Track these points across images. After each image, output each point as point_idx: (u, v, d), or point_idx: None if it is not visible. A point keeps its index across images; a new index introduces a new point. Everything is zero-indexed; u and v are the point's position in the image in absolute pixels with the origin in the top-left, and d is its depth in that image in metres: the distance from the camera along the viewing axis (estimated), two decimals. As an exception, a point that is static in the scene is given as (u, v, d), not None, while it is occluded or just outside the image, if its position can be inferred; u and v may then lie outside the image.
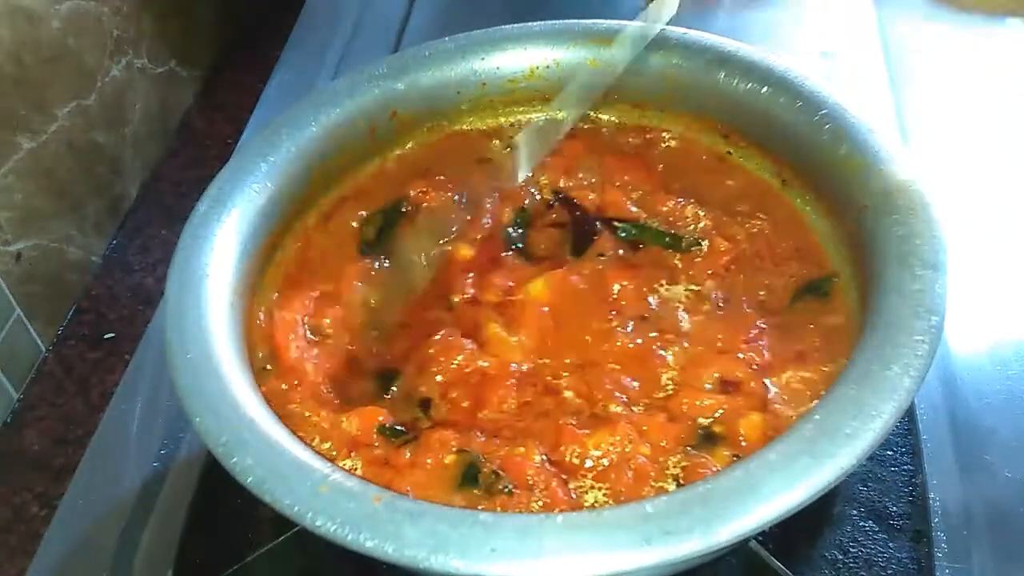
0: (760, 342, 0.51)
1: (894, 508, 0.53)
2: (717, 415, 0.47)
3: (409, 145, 0.65)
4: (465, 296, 0.55)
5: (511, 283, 0.55)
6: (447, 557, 0.36)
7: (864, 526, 0.52)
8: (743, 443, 0.46)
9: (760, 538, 0.49)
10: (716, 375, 0.49)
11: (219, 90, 1.02)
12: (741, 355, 0.50)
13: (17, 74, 0.73)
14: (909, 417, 0.57)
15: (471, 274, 0.56)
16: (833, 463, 0.39)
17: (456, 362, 0.51)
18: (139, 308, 0.79)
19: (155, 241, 0.85)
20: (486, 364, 0.51)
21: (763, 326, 0.51)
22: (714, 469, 0.45)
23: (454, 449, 0.45)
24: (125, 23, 0.87)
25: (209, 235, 0.52)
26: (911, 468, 0.54)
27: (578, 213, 0.60)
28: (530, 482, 0.44)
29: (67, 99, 0.79)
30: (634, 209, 0.59)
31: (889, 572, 0.50)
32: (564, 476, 0.45)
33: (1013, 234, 0.69)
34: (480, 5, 0.98)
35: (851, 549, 0.51)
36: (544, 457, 0.45)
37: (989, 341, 0.62)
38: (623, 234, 0.57)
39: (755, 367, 0.49)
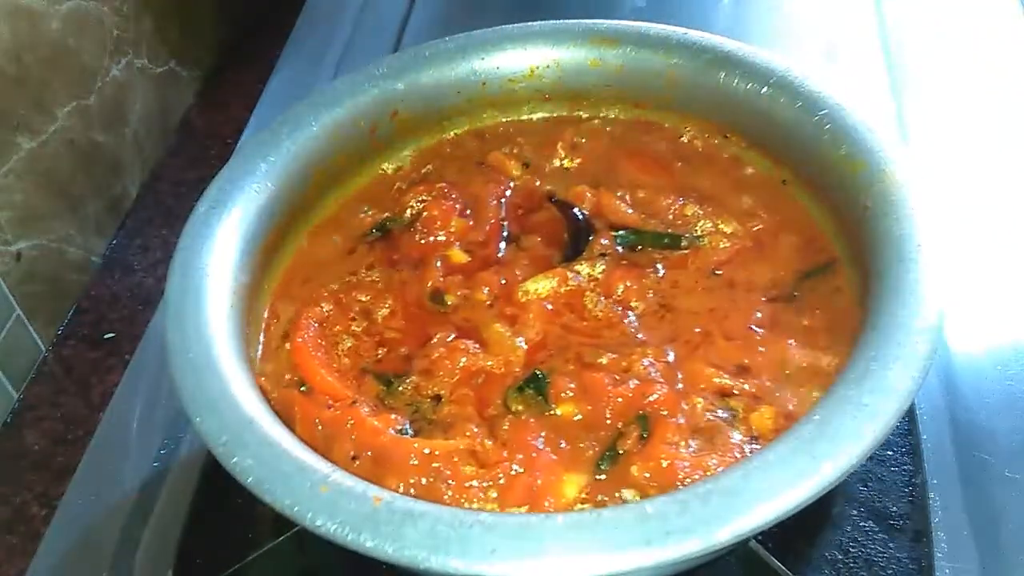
0: (767, 329, 0.51)
1: (894, 508, 0.53)
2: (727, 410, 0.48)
3: (409, 147, 0.65)
4: (460, 296, 0.55)
5: (504, 280, 0.55)
6: (447, 557, 0.36)
7: (864, 526, 0.52)
8: (755, 435, 0.46)
9: (760, 538, 0.49)
10: (723, 372, 0.49)
11: (219, 90, 1.02)
12: (750, 346, 0.50)
13: (17, 74, 0.73)
14: (909, 417, 0.57)
15: (462, 276, 0.57)
16: (833, 463, 0.39)
17: (461, 363, 0.51)
18: (139, 308, 0.79)
19: (155, 241, 0.85)
20: (491, 363, 0.51)
21: (768, 314, 0.52)
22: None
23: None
24: (125, 23, 0.87)
25: (209, 235, 0.52)
26: (911, 468, 0.54)
27: (575, 213, 0.60)
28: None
29: (67, 99, 0.79)
30: (630, 211, 0.59)
31: (889, 572, 0.50)
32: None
33: (1013, 234, 0.69)
34: (480, 5, 0.98)
35: (851, 549, 0.51)
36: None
37: (989, 341, 0.62)
38: (620, 242, 0.57)
39: (763, 357, 0.50)
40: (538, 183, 0.63)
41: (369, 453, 0.46)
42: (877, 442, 0.40)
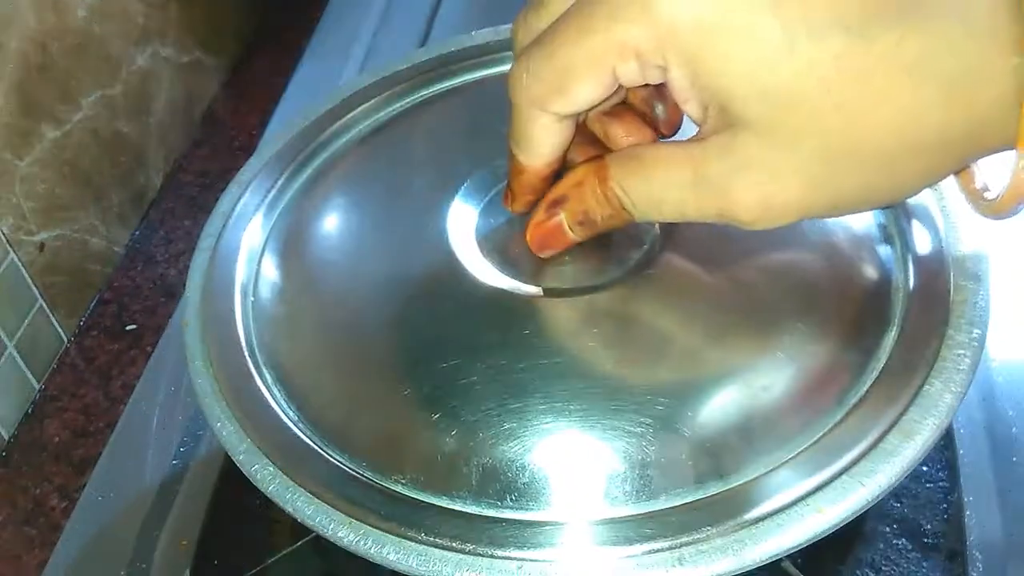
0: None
1: (928, 526, 0.51)
2: None
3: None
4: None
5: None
6: (472, 573, 0.35)
7: (897, 543, 0.51)
8: None
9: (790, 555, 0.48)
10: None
11: (245, 80, 1.01)
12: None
13: (42, 62, 0.72)
14: (946, 431, 0.55)
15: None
16: (871, 482, 0.38)
17: None
18: (161, 300, 0.79)
19: (178, 232, 0.85)
20: None
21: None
22: None
23: None
24: (151, 11, 0.87)
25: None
26: (947, 484, 0.53)
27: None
28: None
29: (92, 88, 0.79)
30: None
31: (922, 591, 0.49)
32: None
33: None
34: (508, -3, 0.97)
35: (884, 567, 0.50)
36: None
37: (1028, 353, 0.60)
38: None
39: None
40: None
41: None
42: (916, 460, 0.39)
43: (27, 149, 0.71)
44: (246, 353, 0.44)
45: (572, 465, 0.39)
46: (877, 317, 0.49)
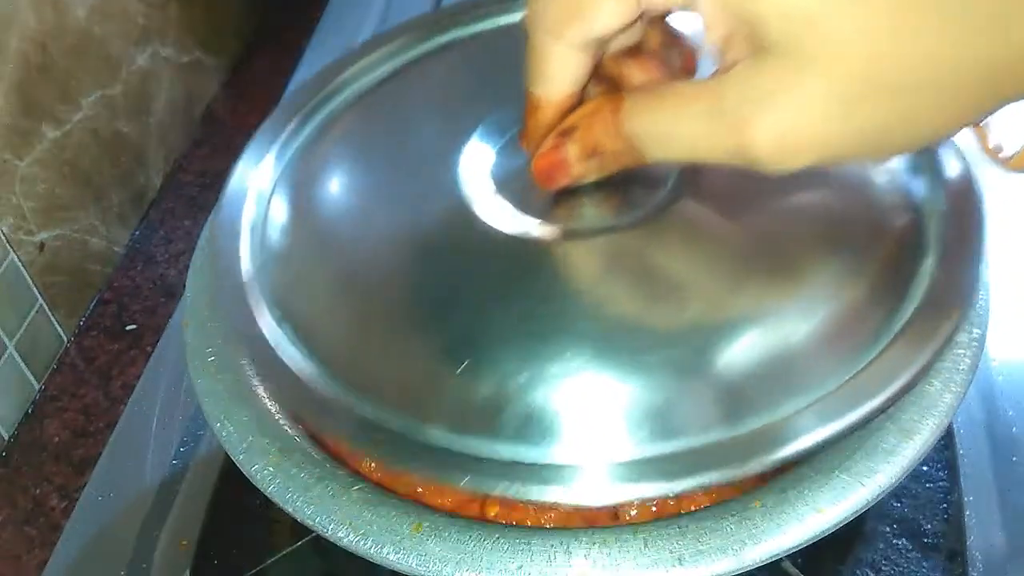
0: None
1: (928, 526, 0.51)
2: None
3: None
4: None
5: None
6: (472, 573, 0.35)
7: (897, 543, 0.51)
8: None
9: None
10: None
11: (245, 80, 1.01)
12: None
13: (42, 62, 0.72)
14: (946, 431, 0.55)
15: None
16: (870, 482, 0.38)
17: None
18: (161, 300, 0.79)
19: (178, 232, 0.85)
20: None
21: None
22: None
23: None
24: (151, 11, 0.87)
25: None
26: (947, 484, 0.53)
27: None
28: None
29: (92, 88, 0.79)
30: None
31: (922, 592, 0.49)
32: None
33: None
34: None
35: (883, 567, 0.50)
36: None
37: (1029, 352, 0.60)
38: None
39: None
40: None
41: None
42: (916, 460, 0.39)
43: (27, 149, 0.71)
44: (264, 315, 0.42)
45: (605, 404, 0.38)
46: (911, 250, 0.47)
